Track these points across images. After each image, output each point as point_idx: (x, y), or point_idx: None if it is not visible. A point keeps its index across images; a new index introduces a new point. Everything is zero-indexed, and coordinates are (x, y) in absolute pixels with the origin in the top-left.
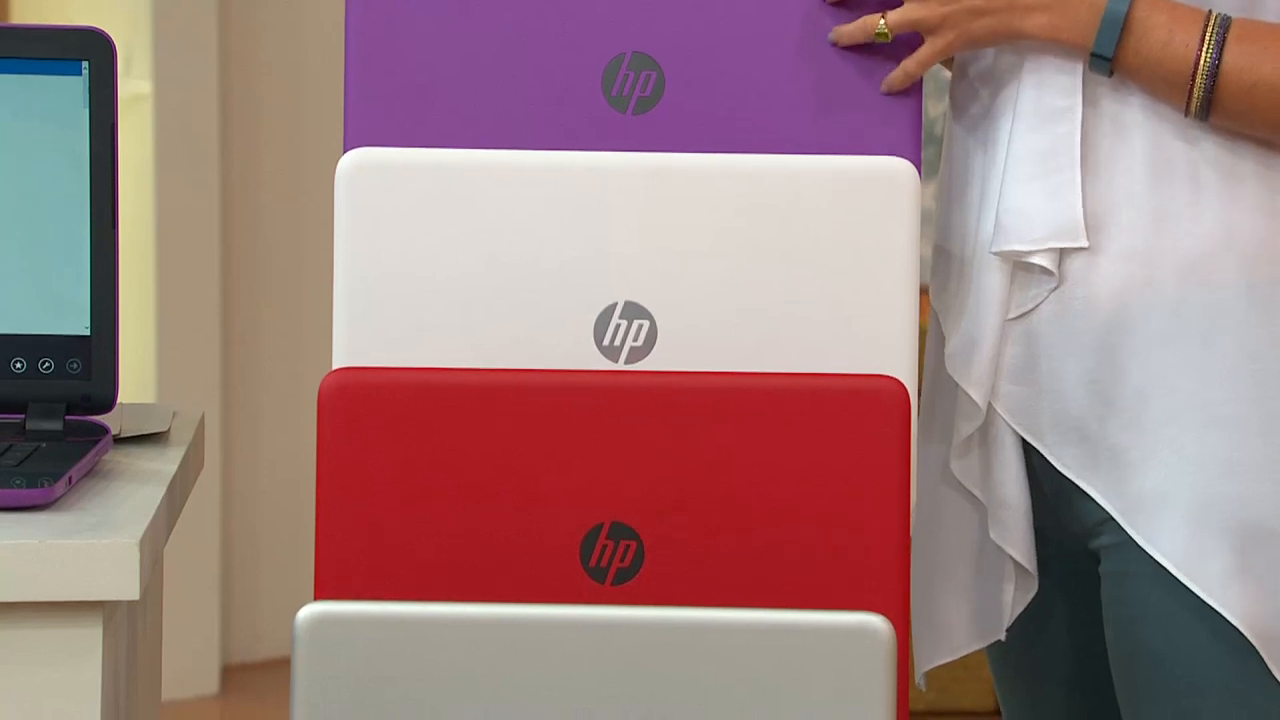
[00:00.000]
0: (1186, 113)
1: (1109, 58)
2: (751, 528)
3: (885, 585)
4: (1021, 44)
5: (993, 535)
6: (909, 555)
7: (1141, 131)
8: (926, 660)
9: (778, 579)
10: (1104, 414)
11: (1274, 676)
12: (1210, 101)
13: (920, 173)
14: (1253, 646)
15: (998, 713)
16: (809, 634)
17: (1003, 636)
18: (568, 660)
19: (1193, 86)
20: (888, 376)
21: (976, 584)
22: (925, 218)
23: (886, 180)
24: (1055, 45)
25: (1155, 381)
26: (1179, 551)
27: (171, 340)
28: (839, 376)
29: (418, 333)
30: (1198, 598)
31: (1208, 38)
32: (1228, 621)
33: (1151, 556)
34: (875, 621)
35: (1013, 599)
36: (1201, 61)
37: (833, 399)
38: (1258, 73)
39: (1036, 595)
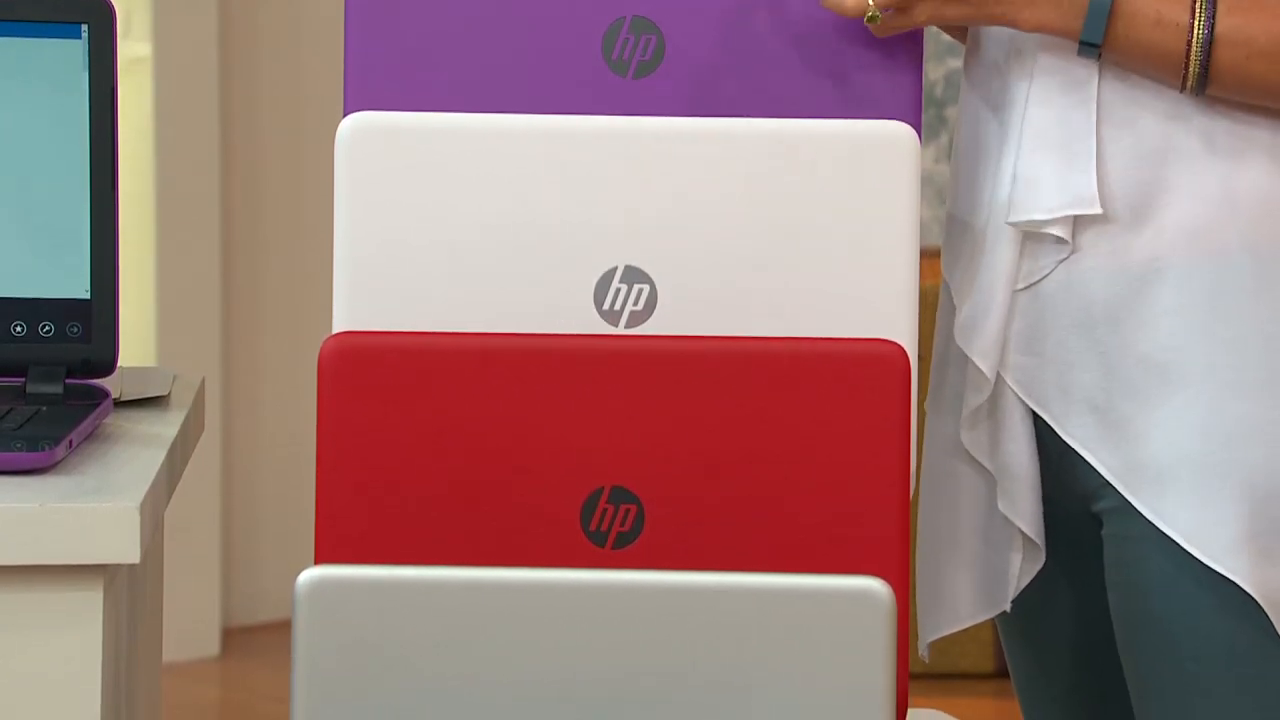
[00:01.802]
0: (1183, 89)
1: (1098, 44)
2: (752, 492)
3: (886, 549)
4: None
5: (1001, 507)
6: (909, 519)
7: (1156, 99)
8: (931, 631)
9: (778, 543)
10: (1111, 384)
11: None
12: (1206, 76)
13: (920, 136)
14: (1258, 612)
15: (996, 675)
16: (809, 598)
17: (1008, 608)
18: (568, 624)
19: (1188, 62)
20: (888, 341)
21: (983, 555)
22: (925, 180)
23: (887, 144)
24: (1042, 33)
25: (1162, 350)
26: (1186, 522)
27: (172, 304)
28: (839, 341)
29: (418, 297)
30: (1202, 564)
31: (1198, 12)
32: (1232, 588)
33: (1155, 523)
34: (875, 585)
35: (1019, 570)
36: (1195, 37)
37: (833, 363)
38: (1251, 42)
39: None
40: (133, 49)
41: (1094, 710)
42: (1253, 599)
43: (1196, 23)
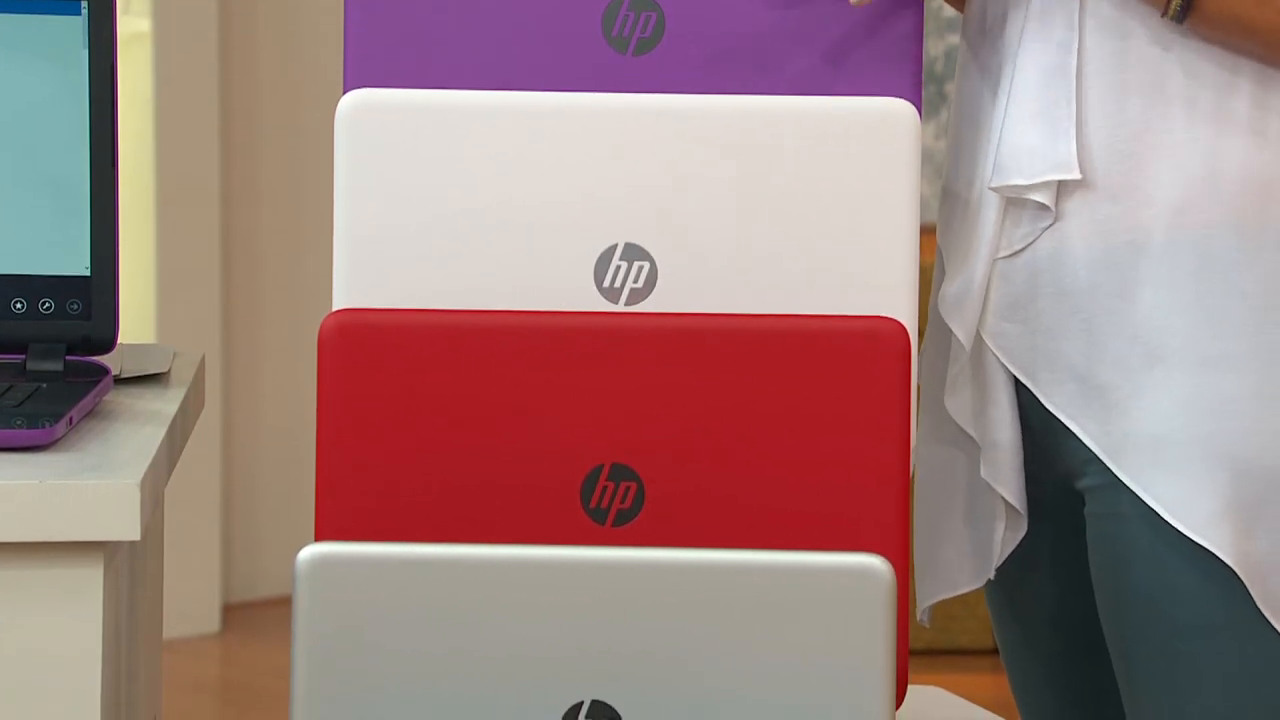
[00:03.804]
0: (1164, 14)
1: None
2: (752, 469)
3: (885, 526)
4: None
5: (984, 474)
6: (909, 496)
7: (1139, 63)
8: (927, 596)
9: (778, 520)
10: (1094, 354)
11: (1264, 616)
12: (1188, 4)
13: (920, 113)
14: (1239, 585)
15: (994, 652)
16: (809, 575)
17: (992, 576)
18: (568, 601)
19: None
20: (888, 318)
21: (971, 523)
22: (925, 157)
23: (887, 121)
24: None
25: (1145, 321)
26: (1168, 493)
27: (172, 280)
28: (839, 318)
29: (418, 274)
30: (1187, 538)
31: None
32: (1217, 561)
33: (1139, 498)
34: (875, 562)
35: (1002, 538)
36: None
37: (833, 340)
38: None
39: (1026, 535)
40: (132, 24)
41: (1077, 683)
42: (1234, 571)
43: None
